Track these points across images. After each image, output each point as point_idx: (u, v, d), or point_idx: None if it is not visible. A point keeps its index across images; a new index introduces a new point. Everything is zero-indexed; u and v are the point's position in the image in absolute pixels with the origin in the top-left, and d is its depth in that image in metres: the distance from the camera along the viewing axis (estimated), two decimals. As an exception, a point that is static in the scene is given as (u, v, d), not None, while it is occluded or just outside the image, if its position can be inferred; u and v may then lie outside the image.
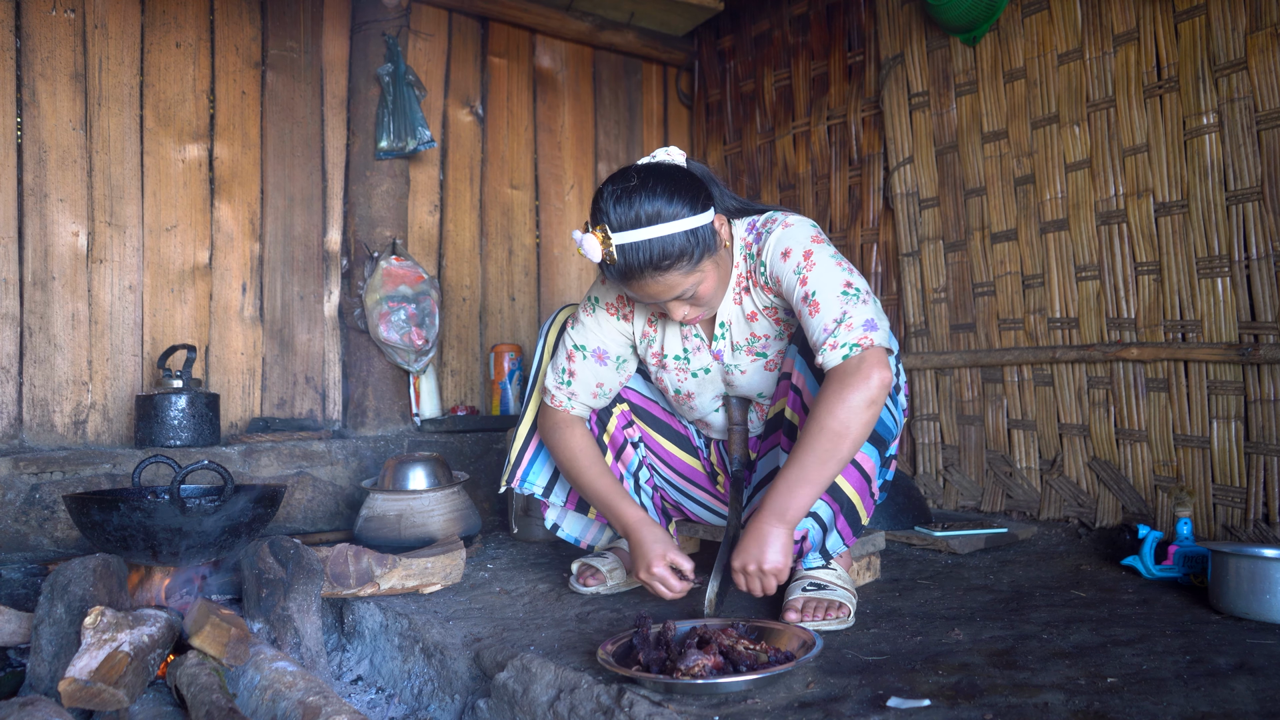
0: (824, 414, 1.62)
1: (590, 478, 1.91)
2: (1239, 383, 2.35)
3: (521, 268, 3.63)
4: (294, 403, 3.14)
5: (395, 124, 3.08)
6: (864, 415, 1.62)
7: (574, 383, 1.94)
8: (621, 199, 1.63)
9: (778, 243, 1.73)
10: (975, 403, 2.98)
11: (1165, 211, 2.50)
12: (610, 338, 1.93)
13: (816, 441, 1.62)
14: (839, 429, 1.61)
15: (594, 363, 1.93)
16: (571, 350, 1.94)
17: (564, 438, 1.95)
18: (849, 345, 1.63)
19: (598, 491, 1.90)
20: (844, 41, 3.40)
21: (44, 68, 2.74)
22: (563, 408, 1.96)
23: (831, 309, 1.65)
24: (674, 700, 1.36)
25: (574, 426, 1.95)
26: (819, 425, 1.62)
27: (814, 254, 1.70)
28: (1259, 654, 1.51)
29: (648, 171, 1.66)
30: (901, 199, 3.18)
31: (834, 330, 1.64)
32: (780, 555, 1.66)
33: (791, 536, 1.68)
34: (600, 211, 1.65)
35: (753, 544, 1.67)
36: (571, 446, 1.93)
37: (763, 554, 1.66)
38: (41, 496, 2.49)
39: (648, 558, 1.79)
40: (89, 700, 1.48)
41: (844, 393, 1.61)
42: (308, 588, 1.84)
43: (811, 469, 1.63)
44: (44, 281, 2.73)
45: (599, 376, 1.95)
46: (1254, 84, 2.32)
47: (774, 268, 1.74)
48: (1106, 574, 2.14)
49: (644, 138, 3.96)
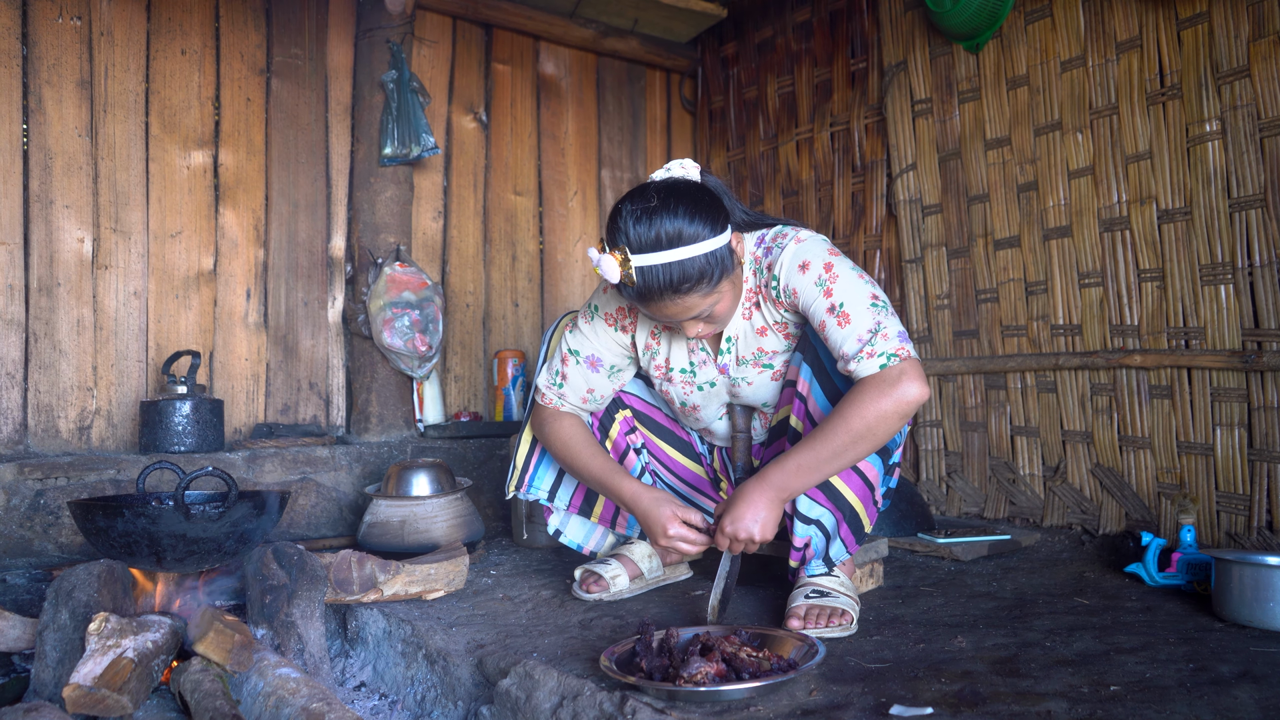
0: (852, 412, 1.62)
1: (584, 460, 1.92)
2: (1242, 390, 2.35)
3: (525, 274, 3.64)
4: (298, 409, 3.15)
5: (399, 130, 3.08)
6: (891, 424, 1.63)
7: (565, 385, 1.97)
8: (641, 219, 1.60)
9: (794, 257, 1.72)
10: (978, 409, 2.98)
11: (1168, 218, 2.50)
12: (605, 347, 1.94)
13: (838, 435, 1.64)
14: (862, 430, 1.62)
15: (586, 369, 1.95)
16: (566, 354, 1.96)
17: (554, 428, 1.97)
18: (887, 355, 1.63)
19: (592, 471, 1.91)
20: (847, 48, 3.41)
21: (50, 74, 2.75)
22: (552, 405, 1.99)
23: (865, 320, 1.65)
24: (677, 708, 1.36)
25: (563, 417, 1.98)
26: (844, 422, 1.63)
27: (835, 266, 1.70)
28: (1262, 662, 1.51)
29: (668, 191, 1.63)
30: (904, 205, 3.18)
31: (870, 340, 1.64)
32: (761, 530, 1.70)
33: (780, 511, 1.72)
34: (619, 231, 1.62)
35: (744, 508, 1.70)
36: (563, 434, 1.95)
37: (752, 525, 1.69)
38: (46, 502, 2.50)
39: (661, 522, 1.78)
40: (93, 706, 1.48)
41: (879, 399, 1.61)
42: (311, 594, 1.84)
43: (824, 459, 1.65)
44: (49, 287, 2.74)
45: (590, 382, 1.96)
46: (1257, 91, 2.32)
47: (790, 281, 1.73)
48: (1110, 581, 2.14)
49: (647, 144, 3.97)
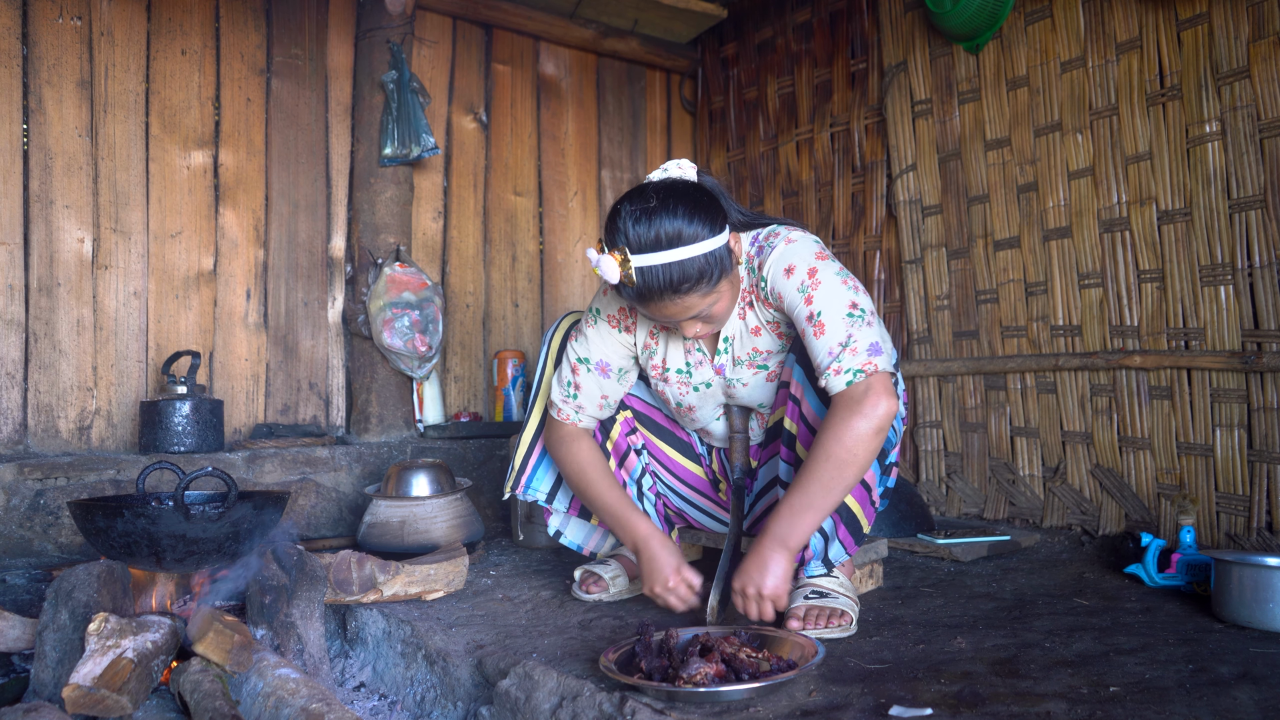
0: (830, 441, 1.62)
1: (598, 490, 1.90)
2: (1242, 390, 2.35)
3: (525, 274, 3.64)
4: (298, 409, 3.15)
5: (399, 131, 3.08)
6: (870, 444, 1.62)
7: (580, 395, 1.94)
8: (641, 219, 1.59)
9: (780, 259, 1.72)
10: (978, 410, 2.98)
11: (1168, 219, 2.50)
12: (613, 350, 1.93)
13: (822, 469, 1.63)
14: (845, 457, 1.62)
15: (598, 375, 1.93)
16: (575, 363, 1.94)
17: (571, 451, 1.94)
18: (853, 371, 1.63)
19: (606, 504, 1.90)
20: (847, 49, 3.41)
21: (50, 75, 2.75)
22: (569, 420, 1.96)
23: (836, 332, 1.65)
24: (676, 708, 1.36)
25: (581, 439, 1.95)
26: (825, 453, 1.63)
27: (819, 271, 1.69)
28: (1262, 663, 1.51)
29: (667, 191, 1.63)
30: (904, 206, 3.18)
31: (838, 354, 1.63)
32: (780, 582, 1.67)
33: (793, 563, 1.70)
34: (618, 231, 1.61)
35: (754, 568, 1.68)
36: (579, 459, 1.93)
37: (763, 579, 1.67)
38: (46, 502, 2.50)
39: (662, 573, 1.79)
40: (93, 707, 1.48)
41: (851, 420, 1.61)
42: (311, 594, 1.84)
43: (816, 496, 1.64)
44: (49, 288, 2.74)
45: (603, 389, 1.95)
46: (1257, 92, 2.32)
47: (776, 284, 1.73)
48: (1109, 582, 2.14)
49: (647, 144, 3.97)
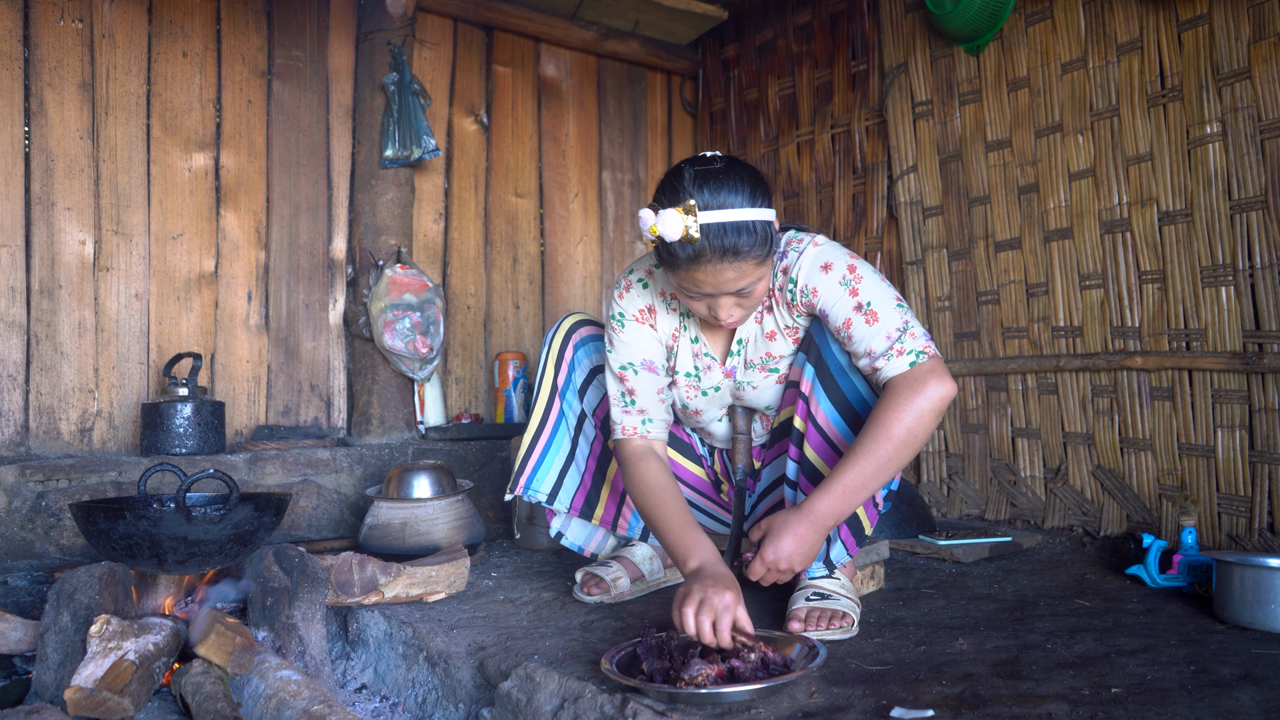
0: (892, 420, 1.60)
1: (667, 512, 1.77)
2: (1243, 391, 2.35)
3: (526, 276, 3.64)
4: (299, 411, 3.15)
5: (400, 133, 3.09)
6: (930, 425, 1.62)
7: (638, 399, 1.88)
8: (710, 179, 1.58)
9: (815, 258, 1.72)
10: (979, 411, 2.98)
11: (1169, 220, 2.50)
12: (650, 345, 1.89)
13: (881, 448, 1.61)
14: (905, 436, 1.61)
15: (646, 374, 1.89)
16: (620, 372, 1.89)
17: (639, 471, 1.84)
18: (916, 352, 1.64)
19: (671, 528, 1.75)
20: (848, 50, 3.41)
21: (51, 77, 2.76)
22: (638, 434, 1.88)
23: (893, 319, 1.66)
24: (678, 710, 1.36)
25: (647, 459, 1.86)
26: (886, 432, 1.60)
27: (858, 268, 1.70)
28: (1264, 664, 1.51)
29: (729, 159, 1.63)
30: (905, 207, 3.18)
31: (898, 338, 1.64)
32: (808, 562, 1.65)
33: (823, 542, 1.67)
34: (683, 190, 1.58)
35: (792, 543, 1.62)
36: (648, 479, 1.82)
37: (795, 557, 1.62)
38: (47, 504, 2.50)
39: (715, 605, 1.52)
40: (94, 709, 1.48)
41: (915, 400, 1.60)
42: (312, 596, 1.84)
43: (870, 474, 1.61)
44: (51, 290, 2.74)
45: (656, 384, 1.90)
46: (1258, 93, 2.32)
47: (811, 280, 1.71)
48: (1111, 583, 2.14)
49: (648, 146, 3.97)
